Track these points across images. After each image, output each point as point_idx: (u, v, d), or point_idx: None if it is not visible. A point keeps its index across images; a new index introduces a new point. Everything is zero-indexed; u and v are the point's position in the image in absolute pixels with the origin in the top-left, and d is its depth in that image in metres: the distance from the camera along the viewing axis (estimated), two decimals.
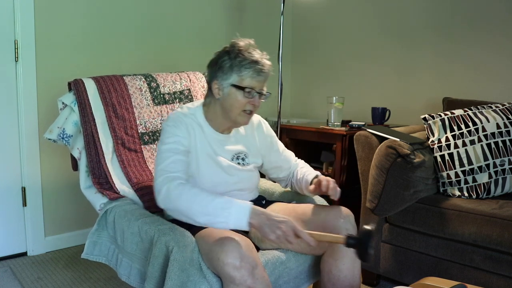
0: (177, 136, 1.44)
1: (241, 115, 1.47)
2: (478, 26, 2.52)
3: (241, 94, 1.43)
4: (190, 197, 1.28)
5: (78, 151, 1.77)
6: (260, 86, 1.46)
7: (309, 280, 1.55)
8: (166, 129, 1.47)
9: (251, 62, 1.42)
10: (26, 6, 2.27)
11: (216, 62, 1.47)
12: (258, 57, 1.44)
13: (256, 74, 1.42)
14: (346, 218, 1.44)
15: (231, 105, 1.46)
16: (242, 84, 1.43)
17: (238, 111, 1.46)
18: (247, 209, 1.25)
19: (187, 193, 1.29)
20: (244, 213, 1.24)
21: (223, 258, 1.20)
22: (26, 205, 2.40)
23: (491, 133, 1.95)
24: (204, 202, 1.26)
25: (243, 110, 1.46)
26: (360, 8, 3.05)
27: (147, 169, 1.79)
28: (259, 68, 1.42)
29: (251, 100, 1.44)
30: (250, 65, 1.42)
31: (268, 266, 1.39)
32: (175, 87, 1.97)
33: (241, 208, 1.25)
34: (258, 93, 1.46)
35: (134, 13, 2.65)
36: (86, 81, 1.79)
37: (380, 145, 1.91)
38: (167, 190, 1.30)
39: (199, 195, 1.28)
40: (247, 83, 1.43)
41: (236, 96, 1.44)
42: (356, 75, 3.10)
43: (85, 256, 1.62)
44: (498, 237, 1.66)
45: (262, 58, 1.45)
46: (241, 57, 1.42)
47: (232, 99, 1.45)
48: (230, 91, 1.44)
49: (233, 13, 3.12)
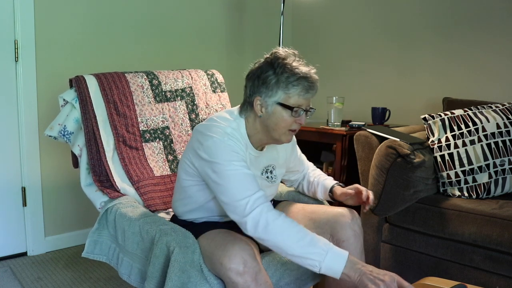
0: (239, 155, 1.29)
1: (285, 134, 1.35)
2: (478, 26, 2.52)
3: (288, 114, 1.31)
4: (288, 235, 1.18)
5: (79, 148, 1.77)
6: (307, 103, 1.34)
7: (310, 282, 1.54)
8: (219, 147, 1.27)
9: (299, 78, 1.29)
10: (26, 6, 2.27)
11: (259, 76, 1.33)
12: (306, 71, 1.31)
13: (305, 91, 1.30)
14: (354, 219, 1.45)
15: (275, 124, 1.33)
16: (289, 103, 1.30)
17: (283, 131, 1.34)
18: (343, 258, 1.16)
19: (286, 230, 1.18)
20: (340, 262, 1.15)
21: (226, 263, 1.19)
22: (26, 205, 2.40)
23: (491, 133, 1.95)
24: (304, 241, 1.18)
25: (289, 129, 1.34)
26: (360, 8, 3.05)
27: (148, 167, 1.79)
28: (307, 85, 1.30)
29: (297, 119, 1.33)
30: (298, 82, 1.29)
31: (270, 267, 1.39)
32: (177, 85, 1.97)
33: (338, 256, 1.16)
34: (305, 110, 1.34)
35: (134, 13, 2.65)
36: (87, 78, 1.79)
37: (380, 145, 1.91)
38: (265, 221, 1.18)
39: (298, 233, 1.18)
40: (294, 101, 1.30)
41: (282, 116, 1.31)
42: (356, 75, 3.10)
43: (85, 255, 1.62)
44: (498, 237, 1.66)
45: (310, 72, 1.32)
46: (288, 72, 1.29)
47: (277, 118, 1.32)
48: (275, 110, 1.31)
49: (233, 13, 3.12)
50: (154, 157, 1.83)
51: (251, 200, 1.21)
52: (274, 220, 1.18)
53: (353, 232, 1.41)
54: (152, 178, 1.77)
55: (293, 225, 1.19)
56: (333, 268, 1.15)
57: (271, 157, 1.50)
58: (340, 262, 1.15)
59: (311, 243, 1.17)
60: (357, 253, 1.41)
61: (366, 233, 2.03)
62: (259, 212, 1.19)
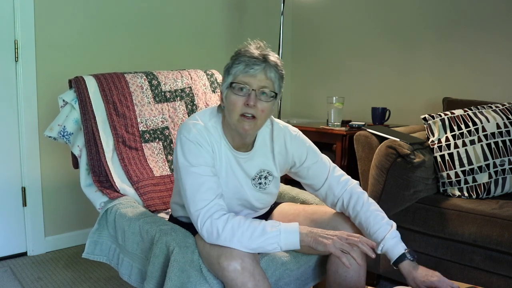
0: (204, 157, 1.28)
1: (239, 120, 1.26)
2: (477, 26, 2.52)
3: (231, 92, 1.26)
4: (241, 236, 1.19)
5: (79, 149, 1.77)
6: (257, 83, 1.25)
7: (310, 282, 1.54)
8: (188, 146, 1.28)
9: (242, 56, 1.25)
10: (26, 6, 2.27)
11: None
12: (253, 51, 1.26)
13: (248, 68, 1.24)
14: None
15: (228, 110, 1.28)
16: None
17: (236, 116, 1.26)
18: (296, 230, 1.22)
19: (237, 232, 1.19)
20: (294, 236, 1.22)
21: (223, 262, 1.19)
22: (26, 205, 2.40)
23: (491, 133, 1.95)
24: (255, 234, 1.20)
25: (241, 114, 1.26)
26: (360, 8, 3.05)
27: (147, 167, 1.79)
28: (250, 60, 1.24)
29: (246, 100, 1.24)
30: (239, 61, 1.25)
31: (269, 267, 1.39)
32: (176, 85, 1.97)
33: (290, 230, 1.22)
34: (255, 90, 1.25)
35: (134, 13, 2.65)
36: (86, 79, 1.79)
37: (380, 145, 1.91)
38: (217, 232, 1.20)
39: (248, 229, 1.20)
40: (238, 80, 1.25)
41: (230, 97, 1.26)
42: (356, 75, 3.10)
43: (86, 256, 1.62)
44: (498, 237, 1.66)
45: (261, 52, 1.26)
46: (235, 56, 1.28)
47: (228, 103, 1.28)
48: (226, 94, 1.28)
49: (233, 13, 3.12)
50: (154, 157, 1.83)
51: (201, 213, 1.22)
52: (224, 227, 1.20)
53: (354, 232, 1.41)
54: (151, 178, 1.77)
55: (241, 224, 1.21)
56: (291, 243, 1.22)
57: (265, 162, 1.42)
58: (294, 235, 1.21)
59: (263, 232, 1.20)
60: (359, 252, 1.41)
61: None
62: (209, 224, 1.21)
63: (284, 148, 1.45)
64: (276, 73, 1.28)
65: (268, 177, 1.43)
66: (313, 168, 1.47)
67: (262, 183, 1.42)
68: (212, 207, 1.23)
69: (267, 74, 1.26)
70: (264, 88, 1.26)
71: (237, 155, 1.37)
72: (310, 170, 1.47)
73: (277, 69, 1.28)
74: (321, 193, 1.48)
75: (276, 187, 1.48)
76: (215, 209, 1.23)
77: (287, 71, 3.44)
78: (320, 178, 1.47)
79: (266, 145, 1.43)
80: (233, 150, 1.36)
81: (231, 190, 1.37)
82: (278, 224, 1.23)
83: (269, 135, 1.44)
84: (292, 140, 1.46)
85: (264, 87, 1.26)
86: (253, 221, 1.23)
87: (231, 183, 1.37)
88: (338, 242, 1.19)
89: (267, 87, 1.26)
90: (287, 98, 3.51)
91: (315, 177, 1.47)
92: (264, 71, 1.25)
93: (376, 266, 2.02)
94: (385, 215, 1.40)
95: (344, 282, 1.40)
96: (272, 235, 1.20)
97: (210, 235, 1.22)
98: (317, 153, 1.50)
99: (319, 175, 1.47)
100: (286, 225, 1.23)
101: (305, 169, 1.47)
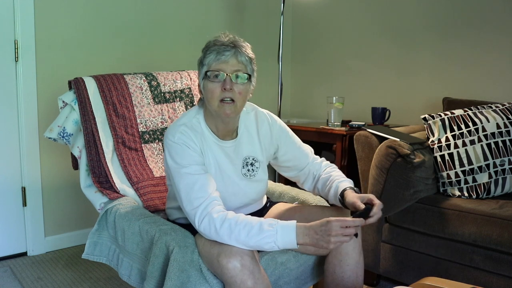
0: (192, 156, 1.33)
1: (219, 106, 1.32)
2: (478, 26, 2.52)
3: (208, 81, 1.32)
4: (238, 234, 1.22)
5: (78, 149, 1.77)
6: (231, 68, 1.31)
7: (309, 281, 1.54)
8: (175, 149, 1.34)
9: (212, 45, 1.34)
10: (26, 6, 2.27)
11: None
12: (222, 39, 1.34)
13: (219, 55, 1.31)
14: None
15: (207, 98, 1.34)
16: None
17: (215, 102, 1.32)
18: (293, 229, 1.22)
19: (234, 230, 1.22)
20: (291, 235, 1.22)
21: (222, 261, 1.20)
22: (26, 205, 2.40)
23: (491, 133, 1.95)
24: (252, 232, 1.22)
25: (221, 100, 1.32)
26: (360, 8, 3.05)
27: (147, 168, 1.79)
28: (220, 48, 1.31)
29: (222, 84, 1.30)
30: (210, 50, 1.33)
31: (268, 266, 1.39)
32: (176, 86, 1.97)
33: (287, 230, 1.22)
34: (229, 75, 1.31)
35: (134, 13, 2.65)
36: (86, 80, 1.79)
37: (380, 145, 1.91)
38: (214, 230, 1.23)
39: (245, 227, 1.22)
40: (212, 68, 1.32)
41: (208, 86, 1.32)
42: (356, 75, 3.10)
43: (85, 257, 1.62)
44: (498, 237, 1.66)
45: (228, 39, 1.34)
46: (206, 47, 1.36)
47: (206, 92, 1.34)
48: (204, 85, 1.35)
49: (233, 13, 3.12)
50: (154, 158, 1.83)
51: (198, 212, 1.26)
52: (221, 225, 1.22)
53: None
54: (151, 179, 1.77)
55: (238, 222, 1.23)
56: (288, 242, 1.22)
57: (251, 148, 1.48)
58: (291, 234, 1.21)
59: (259, 230, 1.21)
60: (356, 252, 1.41)
61: (366, 233, 2.03)
62: (207, 222, 1.24)
63: (269, 130, 1.51)
64: (247, 56, 1.35)
65: (254, 163, 1.47)
66: (295, 150, 1.55)
67: (249, 170, 1.46)
68: (208, 205, 1.26)
69: (238, 58, 1.33)
70: (238, 72, 1.33)
71: (224, 145, 1.42)
72: (292, 153, 1.55)
73: (246, 52, 1.35)
74: (304, 173, 1.56)
75: (264, 173, 1.52)
76: (212, 206, 1.26)
77: (287, 71, 3.44)
78: (302, 160, 1.56)
79: (251, 130, 1.49)
80: (220, 141, 1.41)
81: (221, 184, 1.40)
82: (276, 223, 1.23)
83: (254, 119, 1.50)
84: (274, 124, 1.53)
85: (238, 70, 1.33)
86: (251, 219, 1.24)
87: (221, 177, 1.41)
88: (335, 241, 1.19)
89: (240, 70, 1.33)
90: (287, 98, 3.51)
91: (296, 159, 1.56)
92: (235, 56, 1.32)
93: (376, 266, 2.02)
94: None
95: (341, 282, 1.40)
96: (269, 234, 1.21)
97: (208, 232, 1.24)
98: (298, 139, 1.59)
99: (301, 157, 1.56)
100: (283, 223, 1.23)
101: (288, 153, 1.55)
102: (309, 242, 1.21)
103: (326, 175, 1.52)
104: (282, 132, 1.54)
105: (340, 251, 1.40)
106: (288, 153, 1.55)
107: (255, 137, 1.49)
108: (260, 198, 1.55)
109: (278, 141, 1.53)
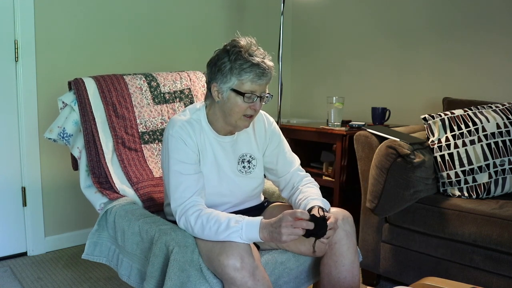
0: (186, 153, 1.38)
1: (241, 119, 1.39)
2: (478, 26, 2.52)
3: (241, 99, 1.35)
4: (208, 230, 1.29)
5: (78, 150, 1.77)
6: (261, 90, 1.37)
7: (309, 280, 1.55)
8: (171, 142, 1.39)
9: (252, 65, 1.33)
10: (26, 6, 2.27)
11: (216, 63, 1.38)
12: (259, 59, 1.34)
13: (257, 78, 1.34)
14: (345, 219, 1.43)
15: (230, 109, 1.38)
16: (242, 89, 1.35)
17: (238, 116, 1.38)
18: (256, 225, 1.27)
19: (206, 227, 1.29)
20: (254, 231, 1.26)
21: (223, 260, 1.20)
22: (26, 205, 2.40)
23: (491, 133, 1.95)
24: (220, 229, 1.27)
25: (244, 114, 1.38)
26: (360, 8, 3.05)
27: (147, 168, 1.79)
28: (260, 71, 1.33)
29: (251, 105, 1.37)
30: (250, 69, 1.33)
31: (268, 266, 1.40)
32: (176, 87, 1.97)
33: (251, 226, 1.27)
34: (259, 96, 1.37)
35: (134, 13, 2.65)
36: (86, 80, 1.79)
37: (380, 145, 1.91)
38: (190, 226, 1.32)
39: (215, 224, 1.28)
40: (247, 87, 1.34)
41: (236, 101, 1.36)
42: (356, 75, 3.10)
43: (85, 257, 1.62)
44: (498, 237, 1.66)
45: (264, 60, 1.36)
46: (241, 59, 1.33)
47: (231, 103, 1.37)
48: (229, 96, 1.36)
49: (233, 13, 3.12)
50: (153, 158, 1.83)
51: (178, 210, 1.35)
52: (195, 222, 1.31)
53: (344, 233, 1.41)
54: (151, 179, 1.77)
55: (209, 219, 1.29)
56: (252, 237, 1.26)
57: (248, 145, 1.53)
58: (254, 230, 1.25)
59: (227, 226, 1.26)
60: (351, 252, 1.41)
61: (366, 233, 2.03)
62: (184, 220, 1.34)
63: (264, 129, 1.56)
64: (271, 77, 1.40)
65: (251, 161, 1.52)
66: (281, 155, 1.57)
67: (245, 167, 1.51)
68: (187, 205, 1.34)
69: (268, 81, 1.39)
70: (266, 93, 1.40)
71: (222, 140, 1.47)
72: (277, 156, 1.57)
73: (272, 75, 1.40)
74: (284, 180, 1.57)
75: (261, 171, 1.56)
76: (190, 206, 1.33)
77: (287, 71, 3.44)
78: (285, 167, 1.57)
79: (248, 129, 1.52)
80: (218, 136, 1.47)
81: (217, 179, 1.45)
82: (242, 219, 1.27)
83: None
84: (270, 124, 1.59)
85: (265, 92, 1.40)
86: (221, 216, 1.29)
87: (217, 172, 1.45)
88: (286, 232, 1.21)
89: (267, 91, 1.41)
90: (287, 98, 3.51)
91: (279, 164, 1.57)
92: (267, 79, 1.38)
93: (376, 266, 2.02)
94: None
95: (338, 283, 1.40)
96: (235, 230, 1.25)
97: (186, 229, 1.35)
98: (288, 146, 1.62)
99: (284, 163, 1.57)
100: (249, 219, 1.28)
101: (273, 155, 1.57)
102: (267, 236, 1.24)
103: (304, 189, 1.51)
104: (275, 134, 1.59)
105: (334, 252, 1.40)
106: (273, 155, 1.58)
107: (252, 135, 1.54)
108: (257, 194, 1.57)
109: (269, 140, 1.58)
